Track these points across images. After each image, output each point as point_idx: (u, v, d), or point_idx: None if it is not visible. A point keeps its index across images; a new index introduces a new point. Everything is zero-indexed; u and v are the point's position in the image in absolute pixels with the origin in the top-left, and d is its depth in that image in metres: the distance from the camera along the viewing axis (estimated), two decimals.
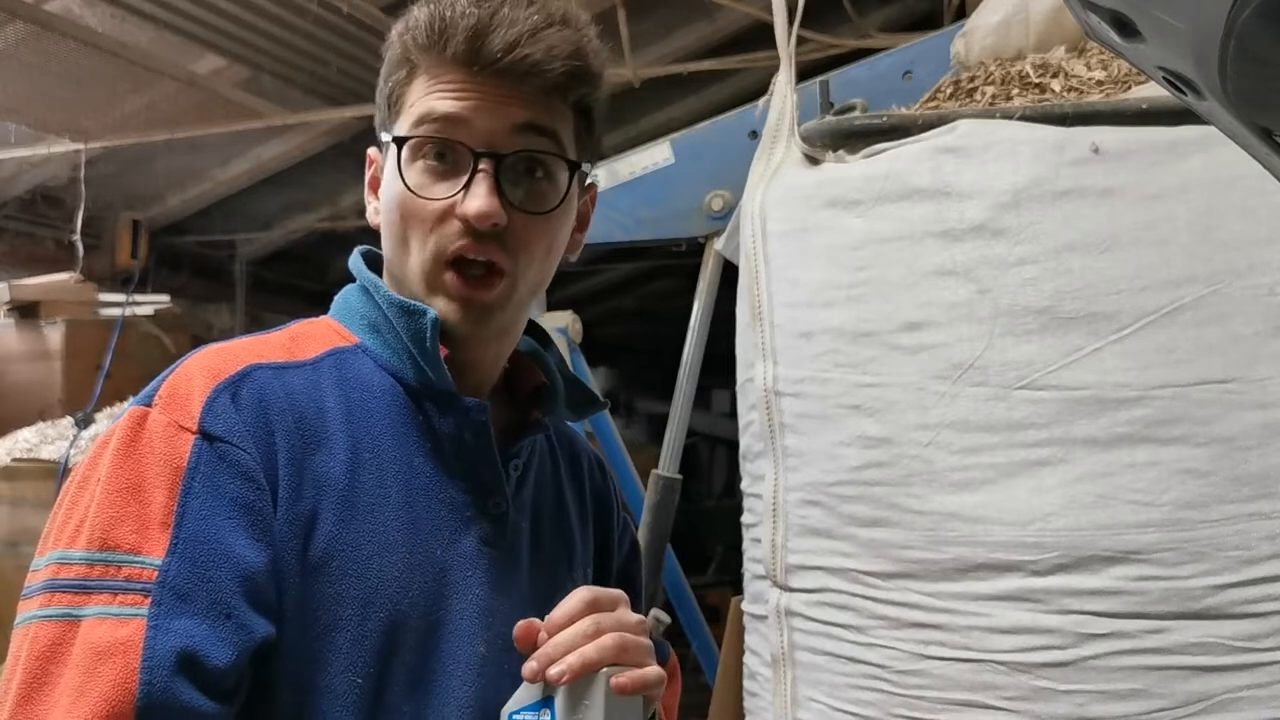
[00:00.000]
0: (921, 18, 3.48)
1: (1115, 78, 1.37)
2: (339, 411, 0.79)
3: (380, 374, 0.82)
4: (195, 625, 0.67)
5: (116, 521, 0.68)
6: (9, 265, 4.05)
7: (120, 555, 0.68)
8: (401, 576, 0.77)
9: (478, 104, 0.80)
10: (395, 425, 0.81)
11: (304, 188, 4.33)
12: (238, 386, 0.75)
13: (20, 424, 3.26)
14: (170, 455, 0.71)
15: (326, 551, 0.74)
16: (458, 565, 0.80)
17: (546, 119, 0.82)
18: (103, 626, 0.66)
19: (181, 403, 0.73)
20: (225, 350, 0.79)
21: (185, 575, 0.68)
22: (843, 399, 1.28)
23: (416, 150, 0.81)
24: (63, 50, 2.97)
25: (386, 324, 0.83)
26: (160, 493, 0.70)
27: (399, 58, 0.83)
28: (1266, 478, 1.12)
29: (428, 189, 0.80)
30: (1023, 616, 1.17)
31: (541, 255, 0.84)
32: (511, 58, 0.79)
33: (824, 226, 1.32)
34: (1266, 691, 1.10)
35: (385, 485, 0.78)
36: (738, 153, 1.87)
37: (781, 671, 1.34)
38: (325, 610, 0.74)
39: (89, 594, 0.67)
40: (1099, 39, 0.43)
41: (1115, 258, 1.17)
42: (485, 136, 0.80)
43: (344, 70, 3.30)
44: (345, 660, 0.74)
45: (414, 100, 0.82)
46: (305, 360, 0.81)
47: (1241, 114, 0.39)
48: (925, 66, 1.91)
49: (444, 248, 0.80)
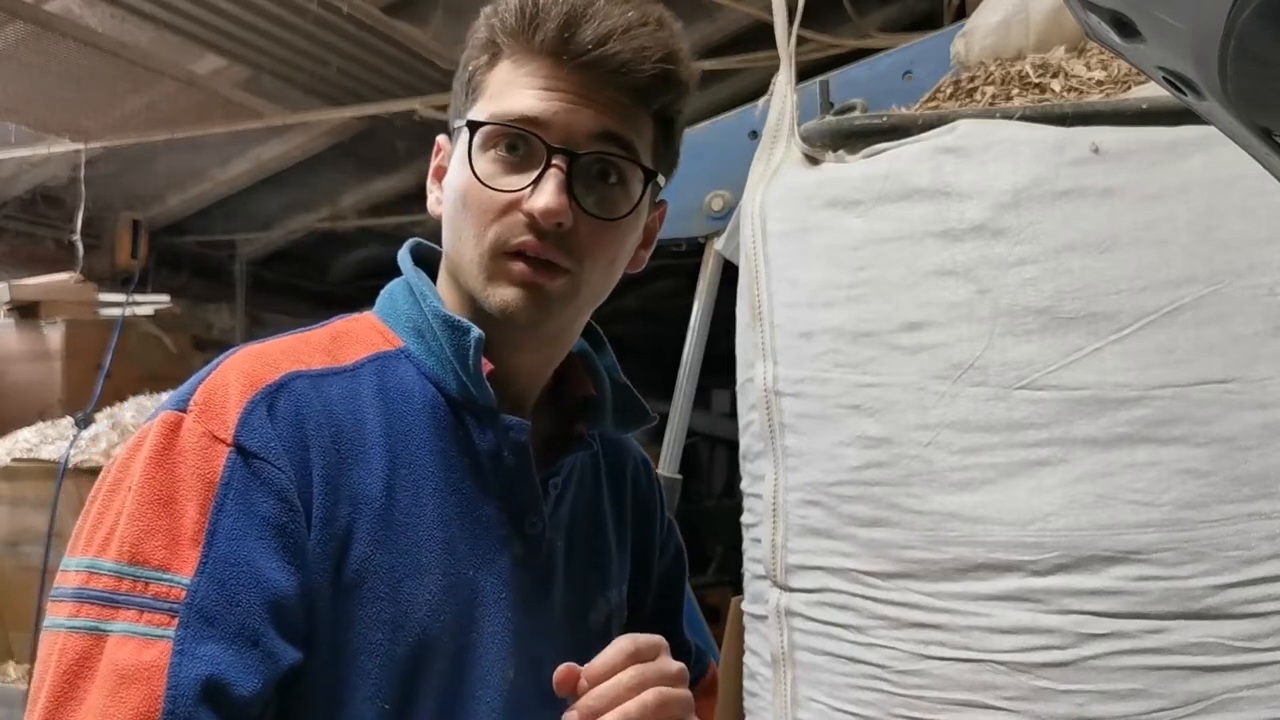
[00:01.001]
0: (921, 18, 3.48)
1: (1115, 78, 1.37)
2: (378, 424, 0.76)
3: (422, 382, 0.80)
4: (222, 651, 0.65)
5: (147, 534, 0.67)
6: (9, 265, 4.05)
7: (149, 571, 0.66)
8: (434, 599, 0.75)
9: (560, 99, 0.77)
10: (434, 439, 0.78)
11: (304, 188, 4.33)
12: (275, 398, 0.72)
13: (20, 424, 3.25)
14: (204, 469, 0.69)
15: (359, 573, 0.72)
16: (491, 587, 0.78)
17: (626, 127, 0.79)
18: (128, 646, 0.65)
19: (217, 412, 0.71)
20: (264, 354, 0.76)
21: (213, 598, 0.66)
22: (843, 399, 1.28)
23: (489, 139, 0.78)
24: (63, 50, 2.97)
25: (431, 331, 0.80)
26: (192, 507, 0.68)
27: (484, 41, 0.80)
28: (1266, 478, 1.12)
29: (496, 179, 0.77)
30: (1023, 616, 1.17)
31: (605, 264, 0.81)
32: (601, 52, 0.76)
33: (824, 226, 1.32)
34: (1266, 691, 1.10)
35: (421, 503, 0.76)
36: (738, 153, 1.87)
37: (781, 671, 1.34)
38: (355, 633, 0.72)
39: (117, 608, 0.66)
40: (1099, 39, 0.43)
41: (1115, 258, 1.17)
42: (563, 134, 0.77)
43: (344, 70, 3.30)
44: (373, 685, 0.72)
45: (494, 87, 0.79)
46: (346, 366, 0.78)
47: (1241, 114, 0.39)
48: (925, 66, 1.91)
49: (505, 240, 0.77)
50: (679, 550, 1.03)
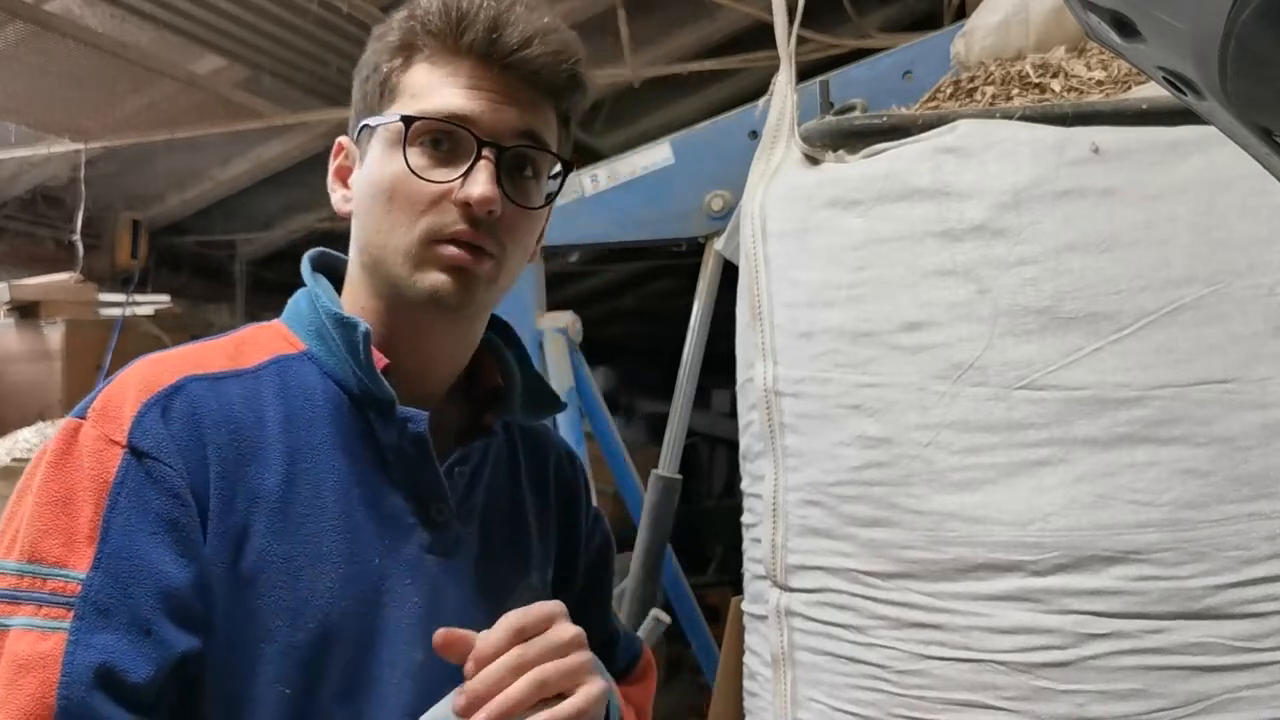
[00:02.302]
0: (921, 18, 3.48)
1: (1115, 78, 1.37)
2: (277, 421, 0.79)
3: (325, 381, 0.83)
4: (115, 640, 0.68)
5: (45, 534, 0.70)
6: (9, 265, 4.05)
7: (46, 568, 0.69)
8: (334, 586, 0.77)
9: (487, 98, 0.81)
10: (336, 434, 0.81)
11: (304, 188, 4.33)
12: (169, 400, 0.75)
13: (20, 424, 3.25)
14: (98, 470, 0.72)
15: (257, 564, 0.75)
16: (397, 574, 0.80)
17: (542, 123, 0.84)
18: (27, 639, 0.67)
19: (113, 416, 0.74)
20: (162, 360, 0.80)
21: (107, 590, 0.69)
22: (843, 399, 1.28)
23: (417, 134, 0.81)
24: (63, 50, 2.96)
25: (329, 332, 0.84)
26: (87, 507, 0.71)
27: (398, 44, 0.84)
28: (1266, 478, 1.12)
29: (428, 172, 0.81)
30: (1023, 616, 1.17)
31: (523, 251, 0.86)
32: (525, 54, 0.81)
33: (824, 226, 1.32)
34: (1267, 691, 1.10)
35: (321, 496, 0.79)
36: (738, 153, 1.87)
37: (781, 671, 1.34)
38: (255, 622, 0.74)
39: (17, 604, 0.69)
40: (1099, 39, 0.43)
41: (1115, 258, 1.17)
42: (490, 130, 0.81)
43: (344, 70, 3.29)
44: (273, 671, 0.74)
45: (415, 87, 0.83)
46: (246, 368, 0.81)
47: (1241, 114, 0.39)
48: (925, 66, 1.91)
49: (439, 229, 0.80)
50: (605, 539, 1.05)
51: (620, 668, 1.04)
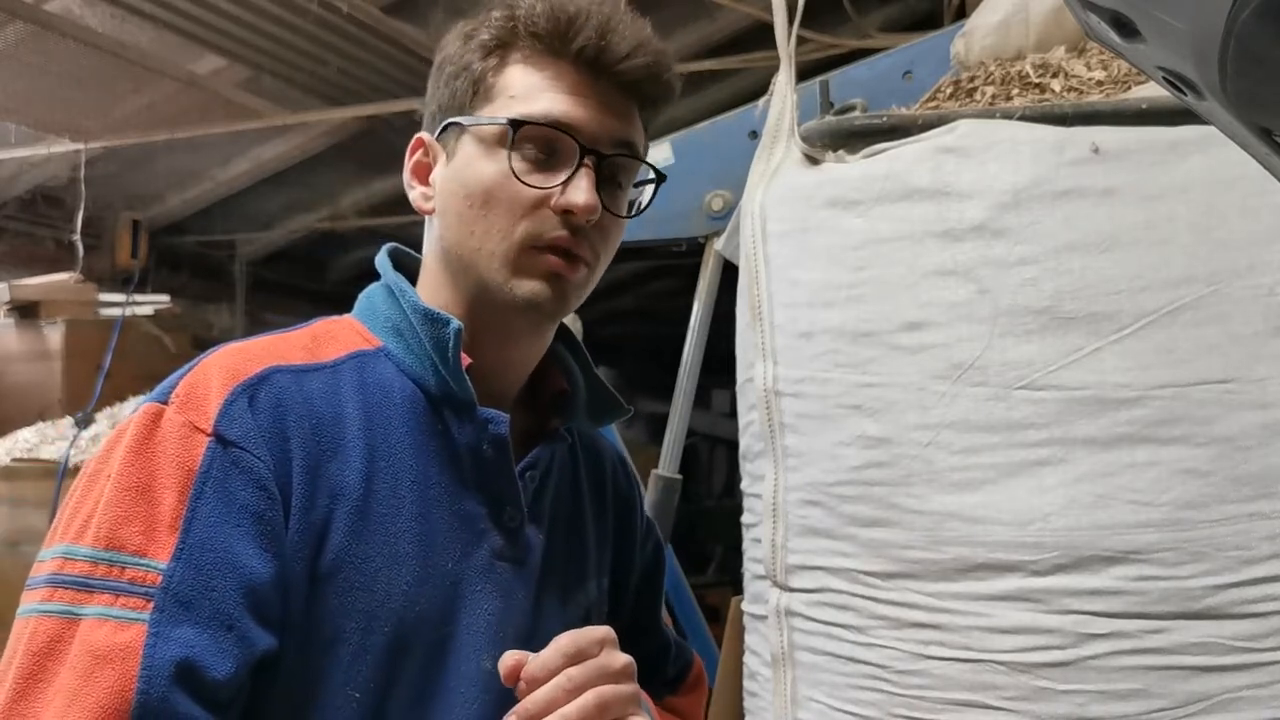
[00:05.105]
0: (921, 18, 3.48)
1: (1115, 78, 1.37)
2: (357, 418, 0.77)
3: (401, 379, 0.81)
4: (196, 635, 0.66)
5: (124, 521, 0.67)
6: (9, 265, 4.06)
7: (125, 556, 0.67)
8: (410, 590, 0.75)
9: (592, 105, 0.80)
10: (413, 433, 0.79)
11: (304, 188, 4.33)
12: (255, 389, 0.73)
13: (20, 424, 3.26)
14: (183, 457, 0.69)
15: (335, 563, 0.73)
16: (469, 578, 0.79)
17: (636, 133, 0.84)
18: (103, 629, 0.64)
19: (198, 403, 0.71)
20: (245, 350, 0.77)
21: (189, 582, 0.66)
22: (843, 399, 1.28)
23: (523, 138, 0.80)
24: (63, 50, 2.97)
25: (410, 329, 0.82)
26: (170, 494, 0.68)
27: (493, 43, 0.82)
28: (1266, 478, 1.12)
29: (529, 176, 0.79)
30: (1023, 616, 1.17)
31: (608, 259, 0.86)
32: (630, 63, 0.80)
33: (824, 226, 1.32)
34: (1267, 691, 1.10)
35: (399, 495, 0.77)
36: (738, 153, 1.87)
37: (781, 671, 1.34)
38: (329, 623, 0.72)
39: (91, 593, 0.66)
40: (1099, 39, 0.43)
41: (1115, 258, 1.17)
42: (592, 138, 0.80)
43: (344, 70, 3.30)
44: (344, 674, 0.72)
45: (516, 89, 0.81)
46: (326, 362, 0.79)
47: (1241, 114, 0.39)
48: (925, 66, 1.91)
49: (539, 234, 0.79)
50: (658, 546, 1.04)
51: (671, 676, 1.03)
